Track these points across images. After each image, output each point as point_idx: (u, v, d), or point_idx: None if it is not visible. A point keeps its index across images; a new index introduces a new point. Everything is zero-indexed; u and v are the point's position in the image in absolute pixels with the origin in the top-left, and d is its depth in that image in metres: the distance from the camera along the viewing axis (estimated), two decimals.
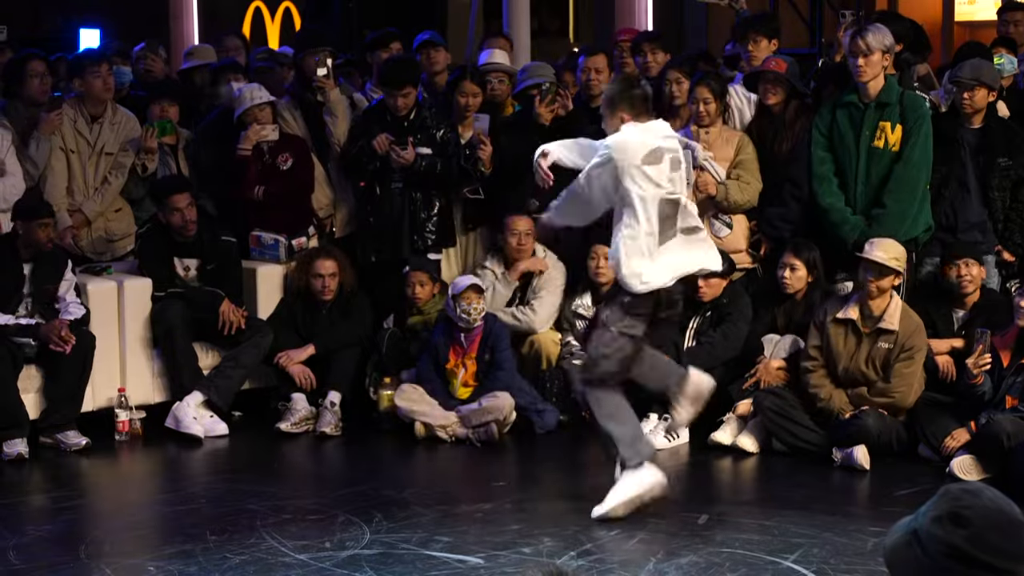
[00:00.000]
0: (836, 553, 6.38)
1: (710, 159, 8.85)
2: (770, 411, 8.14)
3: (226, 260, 9.25)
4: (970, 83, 8.60)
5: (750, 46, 9.39)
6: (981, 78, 8.62)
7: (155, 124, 9.50)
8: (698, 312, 8.72)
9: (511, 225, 9.18)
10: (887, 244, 8.01)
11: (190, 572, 6.22)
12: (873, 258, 7.94)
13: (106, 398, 8.81)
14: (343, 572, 6.20)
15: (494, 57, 10.16)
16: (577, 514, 7.03)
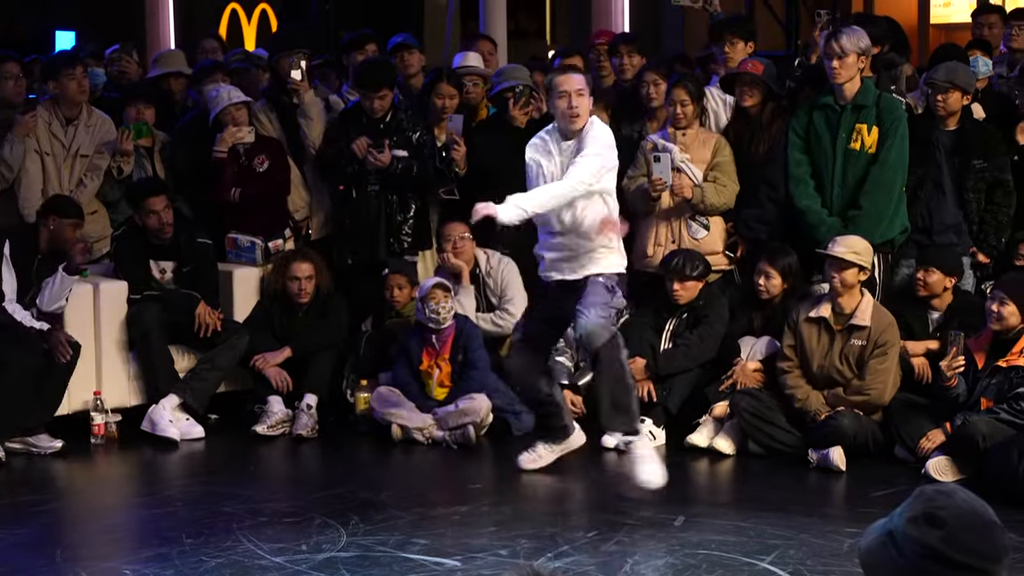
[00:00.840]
0: (812, 554, 6.39)
1: (687, 161, 8.86)
2: (746, 413, 8.15)
3: (202, 262, 9.23)
4: (944, 86, 8.63)
5: (726, 48, 9.40)
6: (955, 81, 8.64)
7: (131, 127, 9.48)
8: (674, 314, 8.73)
9: (448, 231, 9.16)
10: (849, 240, 8.06)
11: (166, 575, 6.20)
12: (833, 253, 7.98)
13: (82, 401, 8.78)
14: (320, 575, 6.19)
15: (468, 60, 10.17)
16: (554, 516, 7.04)
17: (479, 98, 9.98)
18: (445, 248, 9.16)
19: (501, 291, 9.16)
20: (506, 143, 9.41)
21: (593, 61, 10.31)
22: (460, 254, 9.12)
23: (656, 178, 8.77)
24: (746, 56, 9.27)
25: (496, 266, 9.21)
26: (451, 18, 14.43)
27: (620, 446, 8.10)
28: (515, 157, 9.32)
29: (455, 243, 9.11)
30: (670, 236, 8.96)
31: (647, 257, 9.01)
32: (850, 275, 8.01)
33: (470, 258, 9.17)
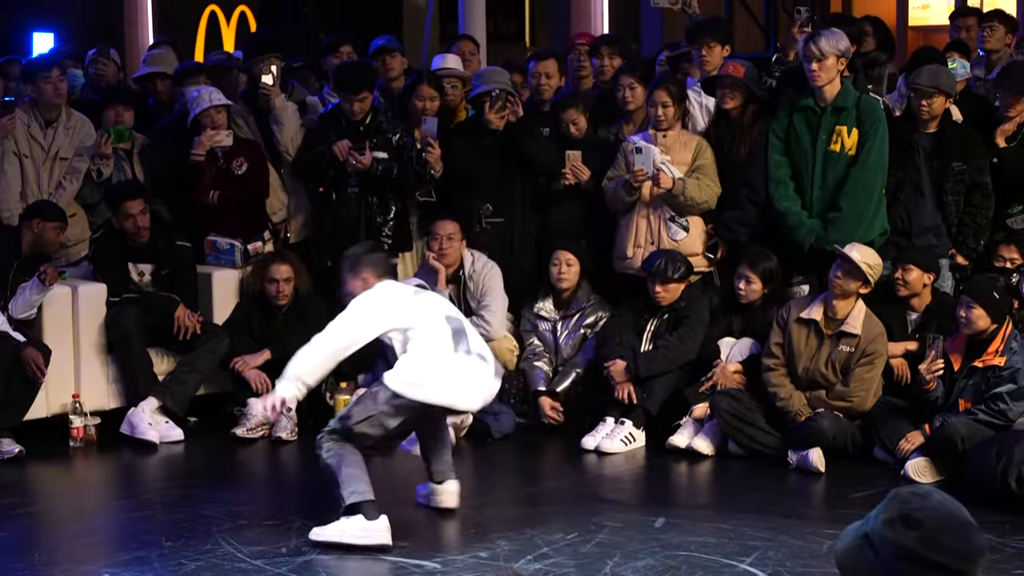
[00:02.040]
0: (792, 556, 6.40)
1: (667, 163, 8.86)
2: (726, 414, 8.16)
3: (181, 265, 9.23)
4: (929, 91, 8.63)
5: (704, 51, 9.40)
6: (940, 86, 8.65)
7: (111, 130, 9.45)
8: (655, 315, 8.74)
9: (436, 228, 9.13)
10: (867, 250, 8.06)
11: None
12: (850, 256, 7.97)
13: (60, 404, 8.75)
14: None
15: (447, 62, 10.17)
16: (534, 518, 7.04)
17: (458, 100, 9.98)
18: (431, 246, 9.14)
19: (481, 295, 9.14)
20: (483, 146, 9.43)
21: (572, 62, 10.31)
22: (445, 255, 9.08)
23: (638, 169, 8.78)
24: (723, 59, 9.28)
25: (480, 269, 9.18)
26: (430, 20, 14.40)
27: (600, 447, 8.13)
28: (492, 160, 9.39)
29: (441, 243, 9.08)
30: (649, 237, 8.96)
31: (627, 258, 9.02)
32: (853, 285, 8.01)
33: (456, 259, 9.13)
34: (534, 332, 9.10)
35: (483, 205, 9.40)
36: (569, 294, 9.06)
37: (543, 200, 9.49)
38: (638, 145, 8.83)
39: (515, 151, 9.40)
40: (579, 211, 9.36)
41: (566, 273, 9.00)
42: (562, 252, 9.03)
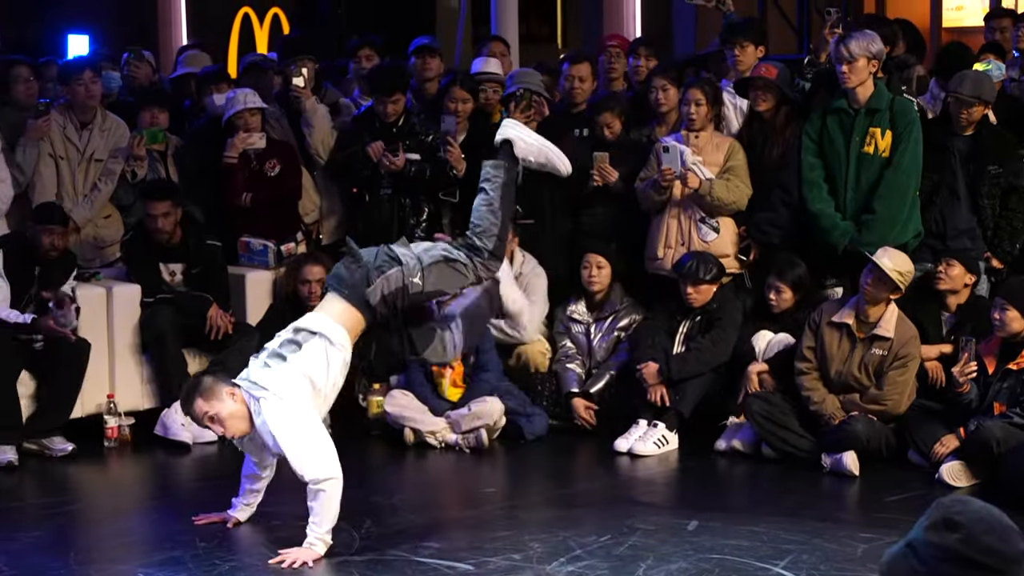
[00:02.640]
0: (826, 559, 6.38)
1: (698, 163, 8.85)
2: (759, 416, 8.14)
3: (211, 264, 9.26)
4: (970, 100, 8.59)
5: (737, 52, 9.39)
6: (982, 95, 8.61)
7: (144, 132, 9.49)
8: (687, 317, 8.73)
9: None
10: (899, 257, 8.01)
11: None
12: (880, 263, 7.94)
13: (95, 404, 8.80)
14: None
15: (488, 66, 10.16)
16: (567, 520, 7.03)
17: (496, 103, 9.98)
18: None
19: None
20: None
21: (604, 64, 10.31)
22: None
23: (665, 168, 8.79)
24: (757, 60, 9.27)
25: (527, 272, 9.19)
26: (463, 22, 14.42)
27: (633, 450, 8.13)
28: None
29: None
30: (680, 238, 8.96)
31: (657, 259, 9.02)
32: (883, 292, 7.98)
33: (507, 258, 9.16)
34: (567, 334, 9.10)
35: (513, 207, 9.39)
36: (602, 296, 9.05)
37: (574, 202, 9.49)
38: (666, 144, 8.85)
39: None
40: (610, 213, 9.35)
41: (597, 276, 9.00)
42: (593, 255, 9.03)
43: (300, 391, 6.38)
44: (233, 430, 6.44)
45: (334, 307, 6.59)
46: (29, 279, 8.57)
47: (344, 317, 6.56)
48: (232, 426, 6.40)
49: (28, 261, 8.54)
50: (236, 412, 6.38)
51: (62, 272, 8.67)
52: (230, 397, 6.38)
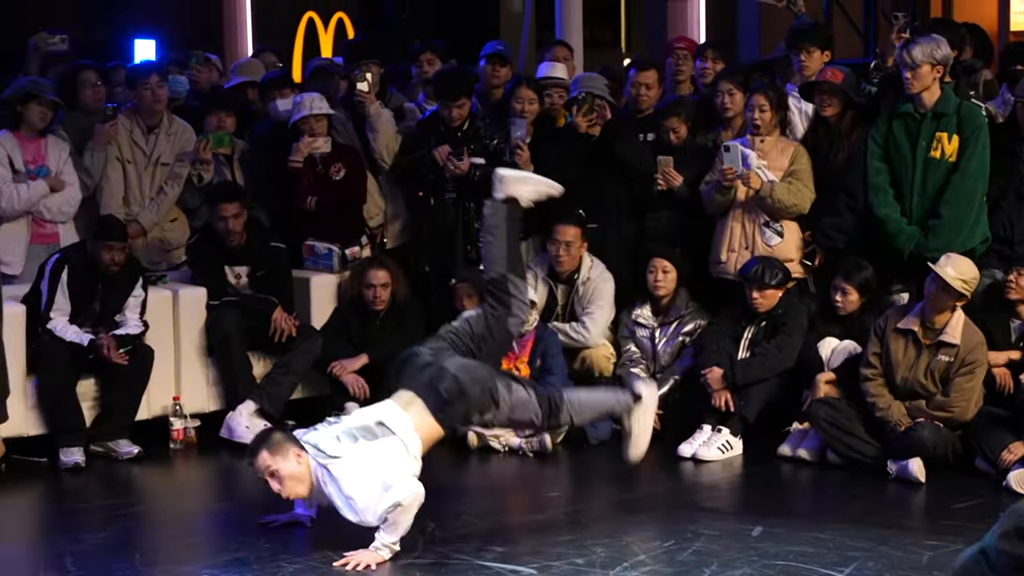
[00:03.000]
0: (892, 567, 6.34)
1: (763, 167, 8.83)
2: (824, 422, 8.10)
3: (276, 267, 9.30)
4: None
5: (803, 56, 9.35)
6: None
7: (210, 136, 9.55)
8: (752, 322, 8.70)
9: (557, 233, 9.16)
10: (961, 264, 7.93)
11: None
12: (941, 274, 7.87)
13: (161, 406, 8.85)
14: None
15: (554, 71, 10.15)
16: (630, 525, 7.03)
17: (560, 108, 9.97)
18: (550, 249, 9.20)
19: (588, 301, 9.14)
20: (577, 152, 9.44)
21: (672, 66, 10.29)
22: (561, 261, 9.12)
23: (726, 167, 8.78)
24: (823, 65, 9.22)
25: (595, 277, 9.20)
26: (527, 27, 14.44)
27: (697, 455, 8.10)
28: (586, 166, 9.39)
29: (559, 248, 9.13)
30: (744, 242, 8.94)
31: (721, 263, 9.01)
32: (950, 300, 7.91)
33: (573, 265, 9.17)
34: (632, 339, 9.09)
35: (576, 211, 9.40)
36: (667, 301, 9.03)
37: (639, 206, 9.48)
38: (726, 144, 8.84)
39: (609, 157, 9.40)
40: (675, 217, 9.34)
41: (662, 280, 8.98)
42: (658, 259, 9.01)
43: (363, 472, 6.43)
44: (290, 491, 6.52)
45: (420, 419, 6.66)
46: (92, 293, 8.61)
47: (425, 432, 6.67)
48: (290, 487, 6.50)
49: (91, 275, 8.58)
50: (298, 474, 6.47)
51: (125, 285, 8.70)
52: (296, 458, 6.47)
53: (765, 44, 15.36)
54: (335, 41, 18.83)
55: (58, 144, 9.17)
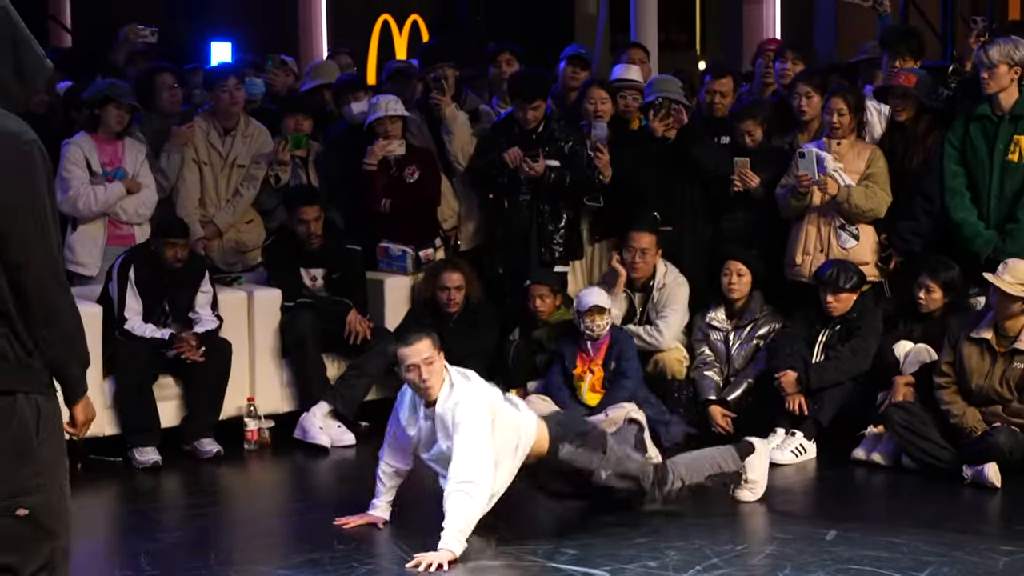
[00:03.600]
0: (967, 572, 6.30)
1: (840, 170, 8.79)
2: (899, 427, 8.04)
3: (351, 269, 9.34)
4: None
5: (897, 63, 9.24)
6: None
7: (289, 137, 9.60)
8: (827, 326, 8.65)
9: (632, 240, 9.15)
10: (1018, 268, 7.85)
11: None
12: (996, 283, 7.80)
13: (235, 407, 8.90)
14: None
15: (629, 73, 10.14)
16: (703, 528, 7.00)
17: (634, 110, 9.95)
18: (624, 256, 9.17)
19: (663, 306, 9.13)
20: (652, 154, 9.43)
21: (761, 67, 10.26)
22: (636, 268, 9.11)
23: (802, 174, 8.76)
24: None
25: (669, 283, 9.19)
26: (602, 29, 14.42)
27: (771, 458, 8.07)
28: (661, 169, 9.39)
29: (635, 256, 9.11)
30: (819, 245, 8.91)
31: (796, 266, 8.98)
32: (1016, 305, 7.84)
33: (648, 272, 9.15)
34: (705, 341, 9.06)
35: (650, 214, 9.39)
36: (741, 304, 9.00)
37: (715, 208, 9.46)
38: (802, 150, 8.80)
39: (684, 159, 9.38)
40: (751, 219, 9.31)
41: (737, 283, 8.96)
42: (733, 262, 8.99)
43: (486, 407, 6.65)
44: (431, 384, 6.67)
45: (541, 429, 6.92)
46: (160, 291, 8.68)
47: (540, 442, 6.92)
48: (433, 383, 6.68)
49: (158, 273, 8.65)
50: (439, 376, 6.70)
51: (191, 281, 8.76)
52: (440, 361, 6.73)
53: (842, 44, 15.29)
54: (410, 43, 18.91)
55: (135, 146, 9.24)
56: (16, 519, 3.95)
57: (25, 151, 3.93)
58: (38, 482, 3.98)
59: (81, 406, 4.21)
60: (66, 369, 4.08)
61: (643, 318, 9.19)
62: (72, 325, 4.06)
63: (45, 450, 4.00)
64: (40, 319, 3.97)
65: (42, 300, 3.97)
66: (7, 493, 3.93)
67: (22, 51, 4.01)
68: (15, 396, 3.96)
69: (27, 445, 3.96)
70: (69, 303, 4.06)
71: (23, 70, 4.03)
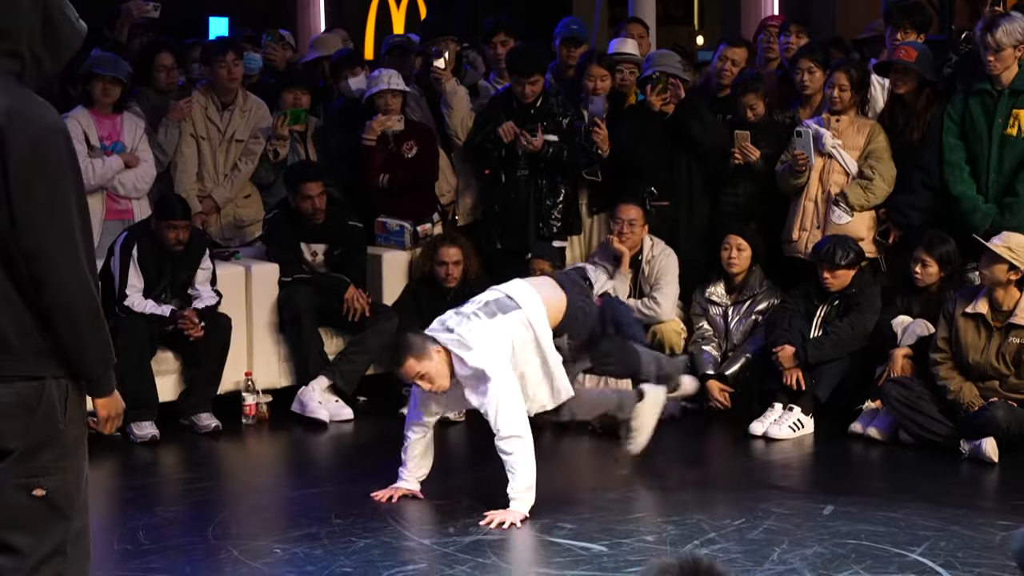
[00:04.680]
0: (964, 546, 6.30)
1: (838, 147, 8.78)
2: (896, 402, 8.05)
3: (353, 245, 9.33)
4: None
5: (899, 35, 9.22)
6: None
7: (288, 112, 9.58)
8: (824, 301, 8.65)
9: (619, 212, 9.14)
10: (1011, 236, 7.86)
11: (315, 555, 6.28)
12: (988, 244, 7.82)
13: (233, 382, 8.90)
14: (466, 557, 6.22)
15: (625, 47, 10.11)
16: (701, 503, 7.01)
17: (632, 84, 9.94)
18: (613, 228, 9.16)
19: (655, 280, 9.13)
20: (650, 129, 9.41)
21: (763, 43, 10.24)
22: (627, 239, 9.10)
23: (798, 152, 8.76)
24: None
25: (657, 255, 9.18)
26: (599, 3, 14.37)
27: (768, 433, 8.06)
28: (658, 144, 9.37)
29: (623, 227, 9.10)
30: (815, 221, 8.92)
31: (792, 242, 8.99)
32: (999, 271, 7.83)
33: (637, 244, 9.14)
34: (704, 316, 9.06)
35: (647, 188, 9.38)
36: (741, 279, 9.00)
37: (714, 183, 9.44)
38: (798, 128, 8.80)
39: (682, 134, 9.37)
40: (752, 191, 9.29)
41: (736, 258, 8.95)
42: (733, 236, 8.98)
43: (503, 349, 6.77)
44: (438, 385, 6.73)
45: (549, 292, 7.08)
46: (162, 268, 8.66)
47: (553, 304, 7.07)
48: (439, 384, 6.73)
49: (160, 251, 8.62)
50: (443, 370, 6.71)
51: (192, 258, 8.74)
52: (437, 355, 6.71)
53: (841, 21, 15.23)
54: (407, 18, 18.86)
55: (134, 120, 9.21)
56: (32, 498, 3.94)
57: (49, 138, 3.85)
58: (59, 464, 3.97)
59: (104, 401, 4.18)
60: (83, 363, 4.01)
61: (636, 292, 9.19)
62: (88, 321, 3.96)
63: (68, 433, 4.00)
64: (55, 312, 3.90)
65: (57, 293, 3.89)
66: (27, 472, 3.93)
67: (55, 20, 3.92)
68: (44, 381, 3.94)
69: (53, 427, 3.95)
70: (86, 298, 3.95)
71: (56, 40, 3.94)
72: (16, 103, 3.83)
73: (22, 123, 3.81)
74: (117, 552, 6.35)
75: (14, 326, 3.90)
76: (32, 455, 3.92)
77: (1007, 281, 7.83)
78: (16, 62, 3.90)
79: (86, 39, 4.12)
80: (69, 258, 3.89)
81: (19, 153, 3.79)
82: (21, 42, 3.88)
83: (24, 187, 3.81)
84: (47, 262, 3.85)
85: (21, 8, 3.88)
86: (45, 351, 3.94)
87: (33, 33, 3.89)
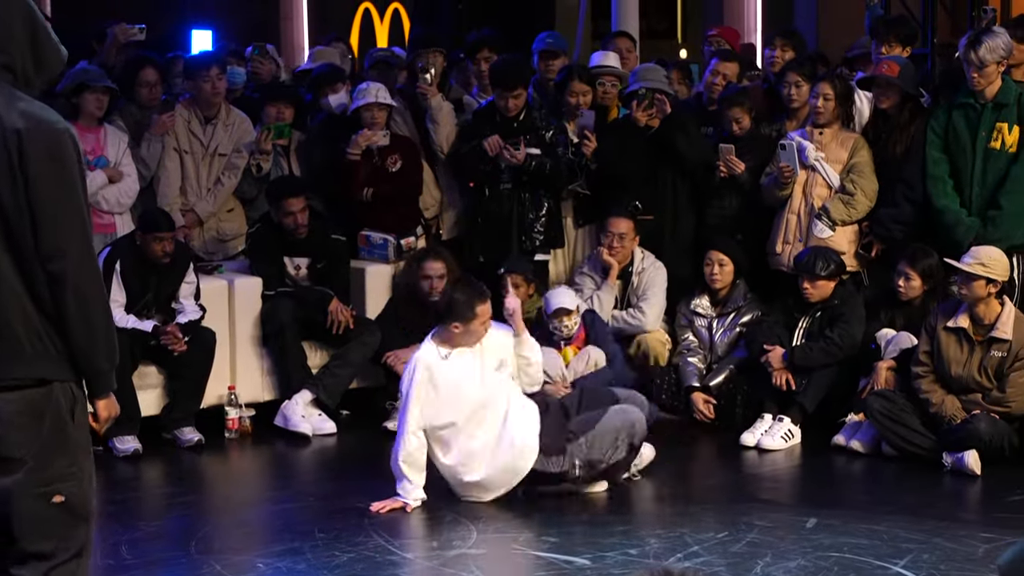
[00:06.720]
0: (946, 559, 6.32)
1: (821, 160, 8.81)
2: (879, 414, 8.06)
3: (336, 259, 9.32)
4: None
5: (884, 49, 9.26)
6: None
7: (272, 127, 9.57)
8: (806, 313, 8.66)
9: (610, 225, 9.17)
10: (980, 252, 7.88)
11: (299, 569, 6.27)
12: (958, 265, 7.84)
13: (216, 396, 8.89)
14: (450, 571, 6.22)
15: (607, 60, 10.13)
16: (684, 516, 7.02)
17: (614, 98, 9.94)
18: (603, 241, 9.17)
19: (642, 291, 9.15)
20: (634, 144, 9.42)
21: (707, 56, 10.26)
22: (616, 252, 9.12)
23: (783, 165, 8.77)
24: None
25: (647, 267, 9.21)
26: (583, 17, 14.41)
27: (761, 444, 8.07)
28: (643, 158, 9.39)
29: (613, 240, 9.12)
30: (799, 234, 8.93)
31: (776, 254, 9.01)
32: (978, 287, 7.85)
33: (627, 257, 9.18)
34: (689, 328, 9.08)
35: (632, 202, 9.39)
36: (725, 293, 9.02)
37: (700, 197, 9.45)
38: (782, 142, 8.82)
39: (667, 148, 9.38)
40: (738, 203, 9.30)
41: (719, 273, 8.97)
42: (715, 252, 8.99)
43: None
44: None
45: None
46: (146, 283, 8.64)
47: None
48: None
49: (143, 265, 8.60)
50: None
51: (176, 272, 8.71)
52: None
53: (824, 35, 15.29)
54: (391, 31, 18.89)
55: (117, 134, 9.20)
56: (52, 506, 4.02)
57: (61, 140, 4.01)
58: (72, 470, 4.08)
59: (105, 402, 4.27)
60: (93, 363, 4.13)
61: (624, 303, 9.21)
62: (102, 319, 4.12)
63: (77, 437, 4.09)
64: (72, 310, 4.03)
65: (77, 291, 4.03)
66: (44, 480, 4.02)
67: (41, 40, 4.09)
68: (51, 385, 4.04)
69: (63, 432, 4.04)
70: (101, 296, 4.14)
71: (42, 60, 4.11)
72: (29, 107, 4.00)
73: (38, 126, 3.98)
74: (100, 567, 6.32)
75: (27, 331, 4.03)
76: (46, 463, 4.02)
77: (987, 295, 7.86)
78: (11, 76, 4.06)
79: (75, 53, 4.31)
80: (86, 255, 4.07)
81: (38, 155, 3.96)
82: (15, 58, 4.05)
83: (45, 187, 3.97)
84: (68, 259, 4.00)
85: (14, 27, 4.04)
86: (54, 356, 4.05)
87: (24, 51, 4.03)
